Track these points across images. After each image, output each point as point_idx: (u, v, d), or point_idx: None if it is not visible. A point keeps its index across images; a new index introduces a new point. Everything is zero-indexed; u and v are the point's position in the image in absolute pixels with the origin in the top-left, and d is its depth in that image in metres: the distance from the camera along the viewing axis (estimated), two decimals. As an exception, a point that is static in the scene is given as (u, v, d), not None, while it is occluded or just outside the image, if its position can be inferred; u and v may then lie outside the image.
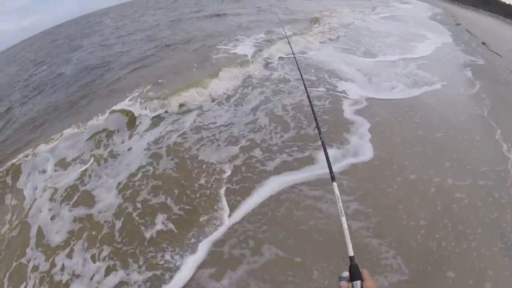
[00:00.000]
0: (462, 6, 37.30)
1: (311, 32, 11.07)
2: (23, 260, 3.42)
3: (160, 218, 3.52)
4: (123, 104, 6.25)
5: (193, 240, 3.21)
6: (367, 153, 4.10)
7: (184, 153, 4.60)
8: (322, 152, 1.60)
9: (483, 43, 12.00)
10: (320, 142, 1.67)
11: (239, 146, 4.59)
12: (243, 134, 4.89)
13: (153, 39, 13.36)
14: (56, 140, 5.36)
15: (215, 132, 5.03)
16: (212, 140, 4.83)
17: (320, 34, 10.67)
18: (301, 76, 2.78)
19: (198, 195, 3.76)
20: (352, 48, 9.60)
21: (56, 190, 4.32)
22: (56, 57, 15.39)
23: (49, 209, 4.03)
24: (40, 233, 3.71)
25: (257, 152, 4.37)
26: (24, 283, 3.15)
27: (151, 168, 4.36)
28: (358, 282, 0.90)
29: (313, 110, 1.97)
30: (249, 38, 10.54)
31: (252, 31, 11.76)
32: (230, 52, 9.28)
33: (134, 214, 3.63)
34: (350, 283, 0.92)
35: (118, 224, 3.54)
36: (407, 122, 4.87)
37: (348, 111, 5.31)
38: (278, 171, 3.97)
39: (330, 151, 4.13)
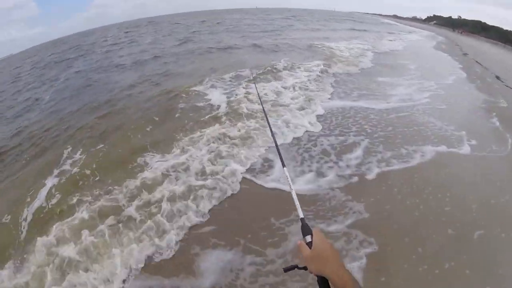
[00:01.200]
0: (462, 34, 37.51)
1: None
2: None
3: None
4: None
5: None
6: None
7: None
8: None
9: (497, 77, 10.90)
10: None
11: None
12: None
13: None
14: None
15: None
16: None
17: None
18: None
19: None
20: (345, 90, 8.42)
21: None
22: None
23: None
24: None
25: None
26: None
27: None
28: (309, 236, 0.96)
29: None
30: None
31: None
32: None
33: None
34: (303, 239, 0.99)
35: None
36: (434, 214, 3.38)
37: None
38: None
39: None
